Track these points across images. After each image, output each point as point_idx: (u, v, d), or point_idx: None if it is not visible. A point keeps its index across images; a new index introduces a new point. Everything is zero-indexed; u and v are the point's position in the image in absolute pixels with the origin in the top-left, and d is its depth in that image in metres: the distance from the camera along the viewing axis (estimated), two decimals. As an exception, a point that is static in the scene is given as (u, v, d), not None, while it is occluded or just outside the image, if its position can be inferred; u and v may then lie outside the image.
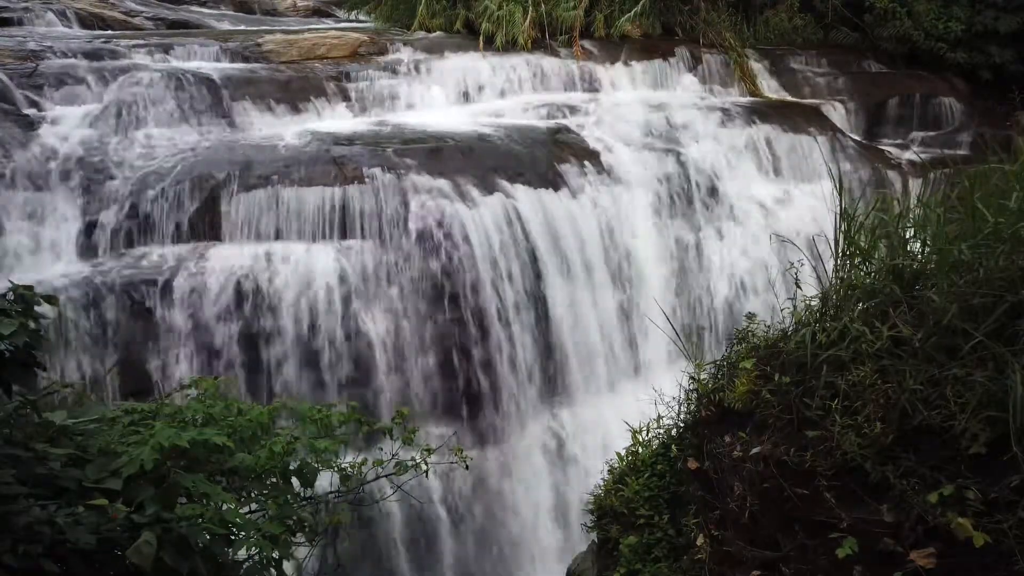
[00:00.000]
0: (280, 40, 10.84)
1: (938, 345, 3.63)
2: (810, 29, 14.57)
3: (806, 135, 11.55)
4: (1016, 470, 3.25)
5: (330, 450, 3.96)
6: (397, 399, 7.94)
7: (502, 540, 8.26)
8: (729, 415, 4.32)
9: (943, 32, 13.77)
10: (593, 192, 9.60)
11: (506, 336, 8.44)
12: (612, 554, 4.87)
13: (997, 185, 4.04)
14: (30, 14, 11.79)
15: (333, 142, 8.98)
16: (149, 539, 2.79)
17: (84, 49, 9.69)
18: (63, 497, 2.95)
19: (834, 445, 3.68)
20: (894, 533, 3.50)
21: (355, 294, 7.98)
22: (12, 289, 3.10)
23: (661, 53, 12.70)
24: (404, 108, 10.53)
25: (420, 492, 7.33)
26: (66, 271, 7.51)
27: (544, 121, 10.68)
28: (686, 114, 11.22)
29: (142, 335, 7.42)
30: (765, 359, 4.23)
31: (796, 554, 3.82)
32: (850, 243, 4.32)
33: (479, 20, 12.25)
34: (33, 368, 3.04)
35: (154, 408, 3.94)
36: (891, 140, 13.04)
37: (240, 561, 3.35)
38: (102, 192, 7.93)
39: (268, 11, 17.11)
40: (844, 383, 3.75)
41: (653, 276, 9.81)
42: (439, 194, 8.57)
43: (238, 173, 8.25)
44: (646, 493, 4.81)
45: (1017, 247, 3.62)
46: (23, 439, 3.10)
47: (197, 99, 9.14)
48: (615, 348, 9.30)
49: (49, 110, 8.55)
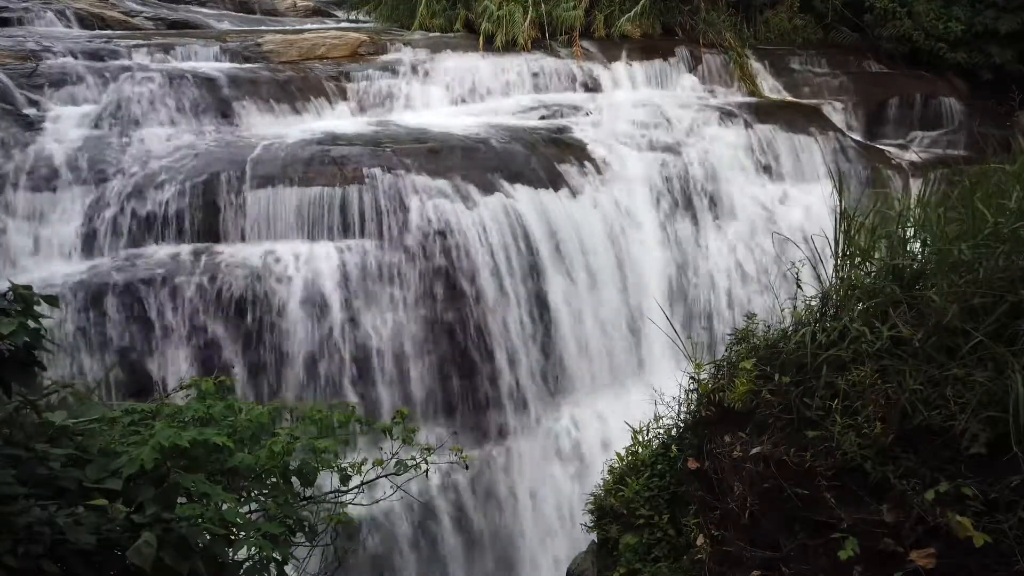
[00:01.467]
0: (280, 40, 10.84)
1: (938, 345, 3.63)
2: (810, 29, 14.57)
3: (806, 135, 11.56)
4: (1016, 470, 3.25)
5: (330, 450, 3.95)
6: (397, 398, 7.94)
7: (502, 540, 8.26)
8: (729, 415, 4.32)
9: (943, 32, 13.77)
10: (593, 192, 9.60)
11: (506, 336, 8.44)
12: (612, 554, 4.86)
13: (997, 185, 4.05)
14: (30, 14, 11.78)
15: (333, 142, 8.98)
16: (149, 539, 2.79)
17: (84, 49, 9.70)
18: (63, 497, 2.94)
19: (834, 445, 3.68)
20: (894, 533, 3.50)
21: (355, 294, 7.98)
22: (12, 289, 3.10)
23: (661, 53, 12.70)
24: (404, 108, 10.54)
25: (421, 492, 7.34)
26: (66, 271, 7.51)
27: (544, 121, 10.68)
28: (686, 114, 11.22)
29: (142, 335, 7.42)
30: (765, 359, 4.23)
31: (796, 554, 3.82)
32: (850, 243, 4.31)
33: (479, 20, 12.25)
34: (33, 368, 3.03)
35: (154, 408, 3.94)
36: (891, 140, 13.04)
37: (240, 561, 3.34)
38: (102, 192, 7.93)
39: (268, 11, 17.10)
40: (844, 383, 3.74)
41: (653, 276, 9.81)
42: (439, 194, 8.57)
43: (238, 173, 8.26)
44: (646, 493, 4.80)
45: (1017, 247, 3.62)
46: (23, 439, 3.10)
47: (197, 99, 9.14)
48: (615, 348, 9.30)
49: (49, 110, 8.55)
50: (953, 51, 13.85)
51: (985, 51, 13.78)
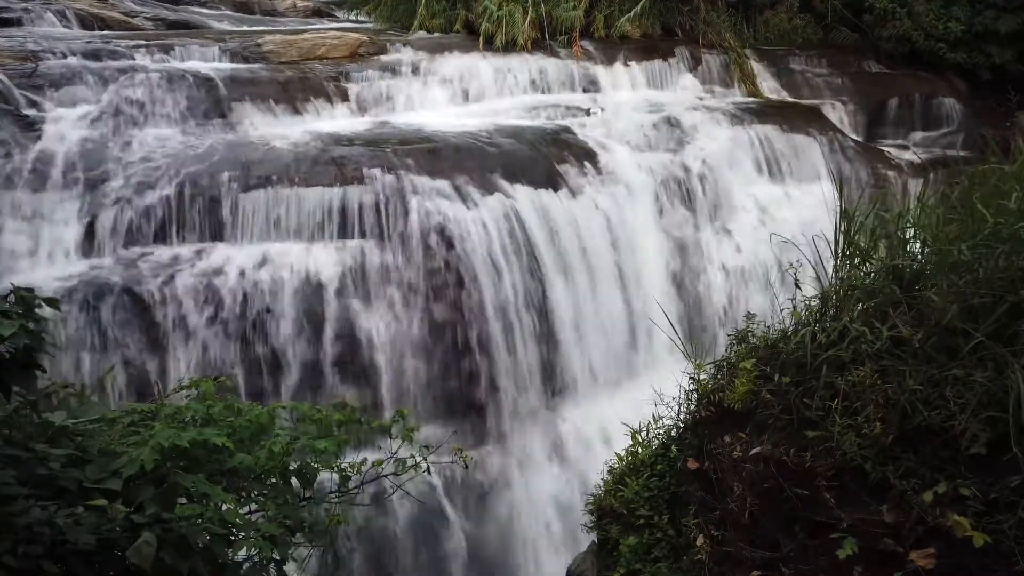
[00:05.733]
0: (280, 40, 10.84)
1: (938, 345, 3.63)
2: (810, 29, 14.56)
3: (806, 135, 11.55)
4: (1016, 470, 3.25)
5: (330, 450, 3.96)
6: (397, 399, 7.94)
7: (502, 540, 8.26)
8: (729, 415, 4.32)
9: (943, 32, 13.76)
10: (593, 192, 9.60)
11: (506, 336, 8.44)
12: (612, 554, 4.86)
13: (997, 185, 4.05)
14: (30, 14, 11.78)
15: (333, 142, 8.98)
16: (149, 539, 2.79)
17: (84, 49, 9.69)
18: (63, 498, 2.94)
19: (834, 445, 3.68)
20: (894, 533, 3.50)
21: (355, 294, 7.99)
22: (12, 291, 3.10)
23: (661, 53, 12.69)
24: (404, 108, 10.53)
25: (420, 492, 7.33)
26: (66, 272, 7.51)
27: (544, 121, 10.68)
28: (686, 114, 11.22)
29: (142, 336, 7.42)
30: (765, 359, 4.23)
31: (796, 554, 3.82)
32: (850, 243, 4.32)
33: (479, 20, 12.24)
34: (33, 369, 3.03)
35: (154, 408, 3.94)
36: (891, 140, 13.03)
37: (240, 561, 3.35)
38: (102, 192, 7.93)
39: (268, 11, 17.10)
40: (844, 383, 3.75)
41: (653, 276, 9.81)
42: (439, 194, 8.57)
43: (238, 173, 8.25)
44: (646, 493, 4.80)
45: (1017, 247, 3.62)
46: (23, 440, 3.10)
47: (197, 99, 9.14)
48: (615, 348, 9.30)
49: (49, 110, 8.54)
50: (953, 51, 13.83)
51: (985, 51, 13.77)
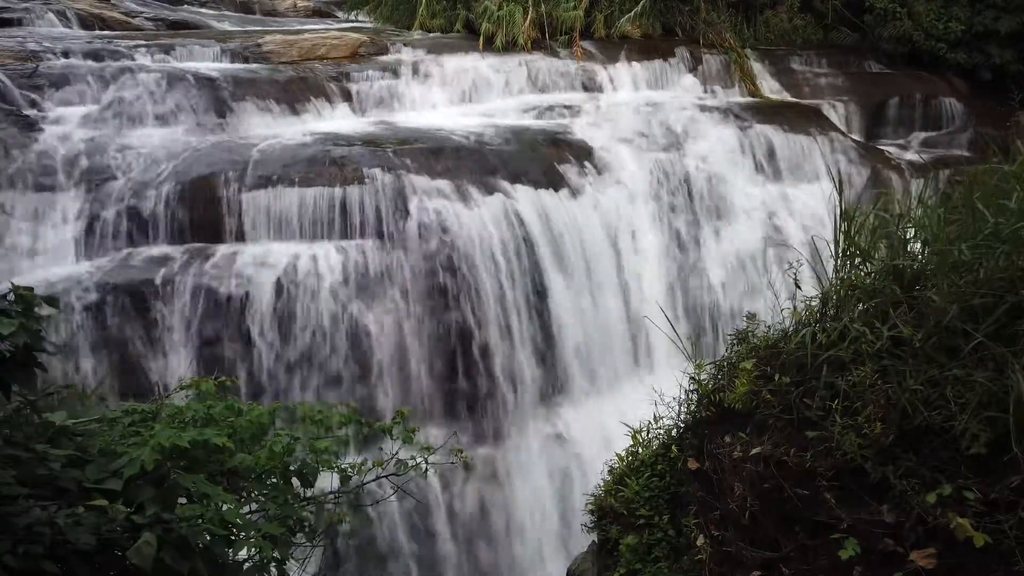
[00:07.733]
0: (280, 40, 10.84)
1: (938, 345, 3.63)
2: (810, 29, 14.57)
3: (806, 135, 11.55)
4: (1016, 470, 3.25)
5: (330, 450, 3.96)
6: (397, 399, 7.94)
7: (501, 539, 8.26)
8: (729, 415, 4.32)
9: (943, 32, 13.77)
10: (593, 192, 9.60)
11: (506, 336, 8.44)
12: (612, 554, 4.86)
13: (997, 185, 4.04)
14: (30, 14, 11.78)
15: (333, 142, 8.98)
16: (149, 540, 2.79)
17: (84, 49, 9.69)
18: (63, 498, 2.94)
19: (834, 445, 3.68)
20: (894, 533, 3.50)
21: (355, 294, 7.98)
22: (12, 290, 3.10)
23: (661, 53, 12.69)
24: (404, 108, 10.53)
25: (420, 492, 7.33)
26: (66, 271, 7.51)
27: (544, 121, 10.67)
28: (686, 114, 11.21)
29: (142, 335, 7.42)
30: (765, 359, 4.23)
31: (796, 555, 3.82)
32: (850, 243, 4.32)
33: (479, 20, 12.25)
34: (33, 369, 3.03)
35: (154, 409, 3.94)
36: (891, 140, 13.03)
37: (240, 561, 3.35)
38: (102, 192, 7.93)
39: (268, 11, 17.10)
40: (844, 383, 3.75)
41: (653, 276, 9.81)
42: (439, 194, 8.57)
43: (238, 173, 8.26)
44: (646, 493, 4.80)
45: (1017, 247, 3.62)
46: (23, 440, 3.10)
47: (197, 99, 9.14)
48: (615, 348, 9.30)
49: (49, 110, 8.55)
50: (953, 51, 13.85)
51: (985, 51, 13.78)
